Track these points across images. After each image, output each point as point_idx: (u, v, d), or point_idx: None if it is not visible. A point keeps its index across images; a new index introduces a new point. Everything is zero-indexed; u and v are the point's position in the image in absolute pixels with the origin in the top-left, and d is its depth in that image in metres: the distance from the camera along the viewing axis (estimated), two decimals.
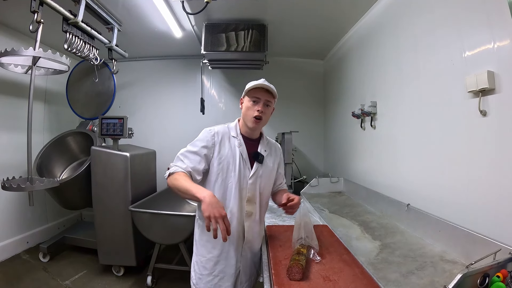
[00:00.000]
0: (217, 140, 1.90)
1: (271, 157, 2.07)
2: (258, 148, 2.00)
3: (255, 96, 1.90)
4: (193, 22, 4.04)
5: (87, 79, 4.51)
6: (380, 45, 3.29)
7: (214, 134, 1.90)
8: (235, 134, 1.97)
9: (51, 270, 3.83)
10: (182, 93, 5.65)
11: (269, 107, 1.94)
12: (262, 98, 1.89)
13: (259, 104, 1.89)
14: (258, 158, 1.96)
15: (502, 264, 1.32)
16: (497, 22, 1.74)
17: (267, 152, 2.04)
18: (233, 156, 1.91)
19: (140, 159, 3.87)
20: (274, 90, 1.91)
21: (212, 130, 1.92)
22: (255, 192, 1.96)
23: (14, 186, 2.82)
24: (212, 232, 1.49)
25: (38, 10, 2.68)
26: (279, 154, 2.18)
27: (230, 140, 1.94)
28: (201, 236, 1.98)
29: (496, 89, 1.75)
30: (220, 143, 1.90)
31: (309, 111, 5.78)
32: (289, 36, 4.57)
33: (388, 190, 2.93)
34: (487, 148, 1.82)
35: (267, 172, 2.03)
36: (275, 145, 2.18)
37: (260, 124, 1.94)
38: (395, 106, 2.97)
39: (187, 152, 1.86)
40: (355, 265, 1.72)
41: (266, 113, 1.92)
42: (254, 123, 1.90)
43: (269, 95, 1.91)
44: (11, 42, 3.86)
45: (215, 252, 1.92)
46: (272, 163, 2.07)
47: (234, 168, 1.89)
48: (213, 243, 1.91)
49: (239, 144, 1.93)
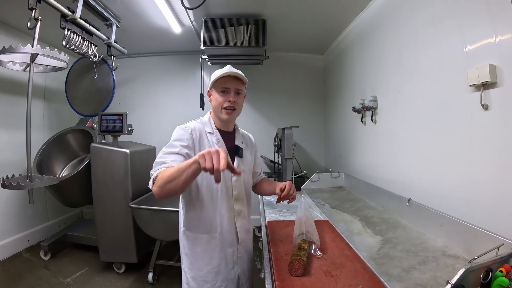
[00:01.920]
0: (195, 139, 1.73)
1: (248, 148, 2.00)
2: (235, 141, 1.92)
3: (223, 86, 1.76)
4: (192, 18, 4.01)
5: (86, 76, 4.49)
6: (380, 39, 3.27)
7: (191, 132, 1.73)
8: (210, 129, 1.83)
9: (52, 268, 3.84)
10: (182, 89, 5.64)
11: (240, 95, 1.82)
12: (232, 87, 1.76)
13: (230, 94, 1.76)
14: (239, 152, 1.87)
15: (505, 259, 1.31)
16: (499, 15, 1.72)
17: (244, 144, 1.97)
18: None
19: (140, 156, 3.86)
20: (243, 76, 1.78)
21: (188, 127, 1.75)
22: (241, 188, 1.89)
23: (14, 184, 2.81)
24: (209, 170, 1.25)
25: (36, 7, 2.67)
26: (253, 143, 2.12)
27: (207, 137, 1.80)
28: (194, 248, 1.81)
29: (498, 83, 1.73)
30: (199, 141, 1.75)
31: (309, 106, 5.76)
32: (288, 31, 4.54)
33: (389, 185, 2.93)
34: (489, 142, 1.81)
35: (248, 165, 1.97)
36: (248, 135, 2.11)
37: (234, 115, 1.82)
38: (396, 100, 2.96)
39: (166, 154, 1.63)
40: (356, 260, 1.72)
41: (238, 103, 1.81)
42: (227, 114, 1.78)
43: (238, 82, 1.78)
44: (9, 40, 3.84)
45: (214, 262, 1.79)
46: (249, 154, 2.01)
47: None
48: (211, 253, 1.79)
49: (217, 141, 1.81)
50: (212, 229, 1.78)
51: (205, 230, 1.79)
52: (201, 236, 1.79)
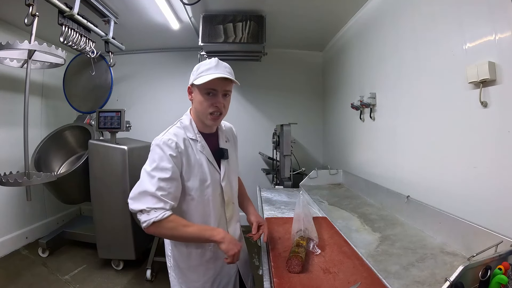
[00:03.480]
0: (182, 152, 1.53)
1: (231, 145, 1.83)
2: (219, 143, 1.74)
3: (210, 87, 1.51)
4: (191, 14, 3.99)
5: (84, 73, 4.46)
6: (379, 36, 3.26)
7: (176, 146, 1.50)
8: (193, 135, 1.62)
9: (51, 265, 3.84)
10: (180, 86, 5.56)
11: (228, 96, 1.59)
12: (220, 89, 1.52)
13: (217, 98, 1.53)
14: (224, 156, 1.70)
15: (504, 257, 1.31)
16: (499, 13, 1.71)
17: (228, 142, 1.80)
18: (200, 165, 1.59)
19: (138, 152, 3.85)
20: (232, 76, 1.54)
21: (171, 140, 1.50)
22: (231, 192, 1.77)
23: (11, 181, 2.80)
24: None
25: (33, 3, 2.64)
26: (235, 135, 1.94)
27: (192, 146, 1.59)
28: (188, 262, 1.70)
29: (497, 80, 1.73)
30: (185, 153, 1.55)
31: (308, 103, 5.76)
32: (287, 27, 4.53)
33: (387, 182, 2.92)
34: (488, 140, 1.81)
35: (233, 164, 1.82)
36: (229, 128, 1.92)
37: (220, 120, 1.64)
38: (395, 97, 2.95)
39: (160, 182, 1.43)
40: (355, 257, 1.72)
41: (226, 106, 1.59)
42: (213, 120, 1.57)
43: (227, 82, 1.54)
44: (6, 36, 3.80)
45: (210, 272, 1.71)
46: (234, 151, 1.87)
47: (205, 178, 1.59)
48: (206, 265, 1.70)
49: (202, 148, 1.61)
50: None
51: (198, 244, 1.67)
52: (195, 250, 1.68)
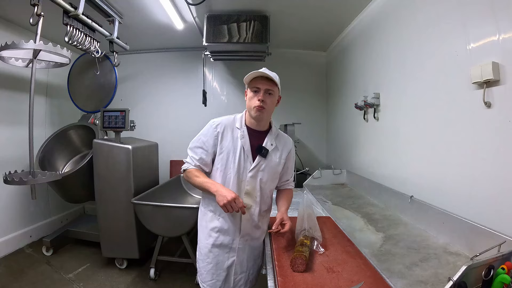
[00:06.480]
0: (220, 131, 1.92)
1: (278, 152, 2.02)
2: (264, 141, 1.96)
3: (255, 86, 1.88)
4: (195, 14, 4.00)
5: (88, 72, 4.47)
6: (383, 36, 3.26)
7: (216, 126, 1.93)
8: (239, 125, 1.96)
9: (55, 264, 3.85)
10: (184, 85, 5.64)
11: (271, 95, 1.90)
12: (262, 87, 1.86)
13: (260, 94, 1.86)
14: (262, 152, 1.93)
15: (507, 256, 1.31)
16: (502, 14, 1.71)
17: (274, 146, 1.99)
18: (233, 148, 1.92)
19: (142, 152, 3.87)
20: (274, 78, 1.87)
21: (215, 121, 1.96)
22: (255, 185, 1.94)
23: (16, 180, 2.81)
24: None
25: (38, 3, 2.65)
26: (290, 148, 2.10)
27: (233, 131, 1.95)
28: (201, 221, 2.08)
29: (501, 81, 1.73)
30: (223, 133, 1.93)
31: (311, 103, 5.76)
32: (291, 28, 4.53)
33: (391, 182, 2.93)
34: (491, 140, 1.81)
35: (271, 166, 1.98)
36: (286, 139, 2.12)
37: (264, 114, 1.89)
38: (398, 97, 2.95)
39: (193, 147, 1.96)
40: (358, 256, 1.72)
41: (268, 102, 1.88)
42: (256, 112, 1.87)
43: (269, 83, 1.88)
44: (12, 36, 3.83)
45: (214, 234, 1.98)
46: (279, 158, 2.01)
47: (233, 160, 1.90)
48: (213, 227, 1.99)
49: (241, 136, 1.93)
50: (218, 209, 1.92)
51: (215, 208, 1.96)
52: (209, 213, 2.01)
